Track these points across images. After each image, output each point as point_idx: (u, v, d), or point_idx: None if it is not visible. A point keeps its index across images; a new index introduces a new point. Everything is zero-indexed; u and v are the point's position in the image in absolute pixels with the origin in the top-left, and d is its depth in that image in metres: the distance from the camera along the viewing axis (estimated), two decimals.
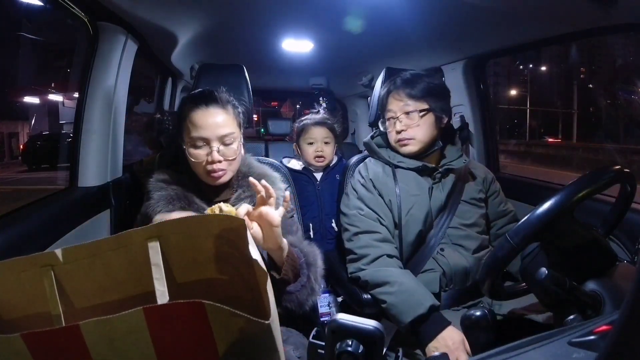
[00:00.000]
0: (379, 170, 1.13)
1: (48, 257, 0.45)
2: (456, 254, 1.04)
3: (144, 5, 1.12)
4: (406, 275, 0.99)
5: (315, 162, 1.56)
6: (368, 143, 1.20)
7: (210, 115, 0.87)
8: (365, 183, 1.12)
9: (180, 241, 0.47)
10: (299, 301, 0.82)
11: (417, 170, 1.10)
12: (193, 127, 0.87)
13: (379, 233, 1.05)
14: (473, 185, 1.13)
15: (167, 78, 2.17)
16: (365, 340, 0.40)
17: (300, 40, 1.67)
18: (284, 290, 0.80)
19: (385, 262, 1.02)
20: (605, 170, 0.72)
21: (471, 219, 1.08)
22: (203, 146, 0.87)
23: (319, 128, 1.55)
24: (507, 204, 1.18)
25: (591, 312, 0.61)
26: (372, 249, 1.03)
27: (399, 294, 0.95)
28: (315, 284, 0.85)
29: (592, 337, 0.38)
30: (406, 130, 1.08)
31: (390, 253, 1.03)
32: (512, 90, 23.10)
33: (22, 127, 13.80)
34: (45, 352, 0.41)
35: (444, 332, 0.89)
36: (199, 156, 0.87)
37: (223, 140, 0.87)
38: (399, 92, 1.09)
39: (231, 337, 0.43)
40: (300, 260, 0.83)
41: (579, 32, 1.17)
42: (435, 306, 0.93)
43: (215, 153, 0.86)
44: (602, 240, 0.72)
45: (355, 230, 1.08)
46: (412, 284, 0.97)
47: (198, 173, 0.90)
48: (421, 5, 1.17)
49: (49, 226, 0.91)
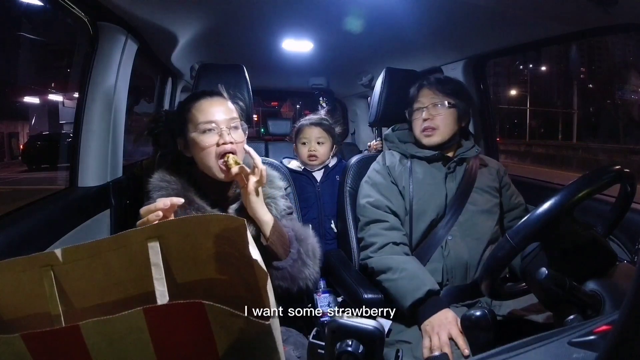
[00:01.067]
0: (396, 160, 1.19)
1: (48, 257, 0.45)
2: (461, 247, 1.06)
3: (144, 5, 1.12)
4: (409, 262, 1.03)
5: (308, 161, 1.56)
6: (389, 134, 1.28)
7: (215, 102, 0.91)
8: (380, 170, 1.18)
9: (180, 241, 0.47)
10: (292, 276, 0.83)
11: (434, 159, 1.15)
12: (200, 114, 0.88)
13: (386, 222, 1.10)
14: (487, 174, 1.18)
15: (167, 78, 2.17)
16: (365, 340, 0.40)
17: (300, 40, 1.67)
18: (275, 266, 0.83)
19: (391, 249, 1.06)
20: (605, 170, 0.72)
21: (484, 206, 1.11)
22: (212, 130, 0.87)
23: (312, 128, 1.55)
24: (518, 196, 1.20)
25: (591, 312, 0.61)
26: (379, 237, 1.08)
27: (400, 279, 1.00)
28: (307, 258, 0.86)
29: (592, 337, 0.38)
30: (432, 119, 1.14)
31: (397, 240, 1.07)
32: (512, 90, 23.09)
33: (22, 127, 13.80)
34: (45, 352, 0.41)
35: (439, 313, 0.92)
36: (209, 140, 0.86)
37: (229, 124, 0.88)
38: (431, 87, 1.17)
39: (231, 337, 0.43)
40: (289, 234, 0.86)
41: (579, 32, 1.18)
42: (434, 290, 0.96)
43: (226, 134, 0.86)
44: (602, 240, 0.72)
45: (365, 220, 1.14)
46: (414, 269, 1.01)
47: (208, 166, 0.88)
48: (421, 6, 1.18)
49: (49, 226, 0.91)
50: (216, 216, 0.48)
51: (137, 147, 1.61)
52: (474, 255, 1.05)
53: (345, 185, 1.30)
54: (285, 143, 2.59)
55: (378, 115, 1.35)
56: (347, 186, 1.29)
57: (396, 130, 1.29)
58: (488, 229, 1.09)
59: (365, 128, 2.85)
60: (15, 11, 8.76)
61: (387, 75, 1.34)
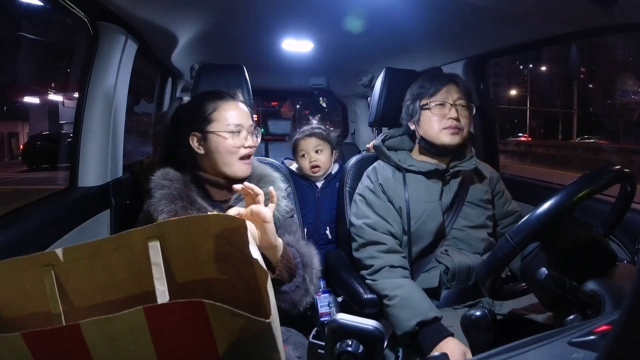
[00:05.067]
0: (389, 175, 1.12)
1: (48, 256, 0.45)
2: (461, 254, 1.05)
3: (144, 5, 1.12)
4: (402, 287, 0.99)
5: (312, 173, 1.56)
6: (379, 146, 1.19)
7: (240, 106, 0.95)
8: (374, 188, 1.11)
9: (181, 241, 0.47)
10: (293, 301, 0.82)
11: (428, 174, 1.10)
12: (230, 116, 0.91)
13: (384, 244, 1.05)
14: (479, 187, 1.13)
15: (167, 78, 2.17)
16: (365, 340, 0.40)
17: (300, 40, 1.67)
18: (279, 289, 0.81)
19: (387, 273, 1.03)
20: (605, 170, 0.72)
21: (476, 220, 1.08)
22: (239, 132, 0.91)
23: (307, 139, 1.55)
24: (512, 203, 1.18)
25: (591, 312, 0.61)
26: (376, 260, 1.04)
27: (392, 307, 0.98)
28: (310, 285, 0.85)
29: (592, 337, 0.38)
30: (460, 120, 1.08)
31: (394, 264, 1.03)
32: (512, 90, 23.10)
33: (22, 127, 13.79)
34: (46, 351, 0.41)
35: (441, 344, 0.88)
36: (237, 143, 0.91)
37: (251, 129, 0.94)
38: (459, 85, 1.11)
39: (231, 336, 0.43)
40: (296, 260, 0.84)
41: (579, 32, 1.18)
42: (427, 320, 0.92)
43: (251, 138, 0.93)
44: (602, 240, 0.72)
45: (361, 241, 1.09)
46: (406, 294, 0.97)
47: (229, 164, 0.91)
48: (421, 6, 1.17)
49: (49, 226, 0.91)
50: (216, 216, 0.48)
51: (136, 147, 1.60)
52: (475, 259, 1.04)
53: (345, 186, 1.30)
54: (285, 143, 2.58)
55: (378, 115, 1.35)
56: (347, 186, 1.29)
57: (388, 139, 1.20)
58: (481, 242, 1.07)
59: (365, 128, 2.85)
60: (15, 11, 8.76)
61: (387, 75, 1.34)
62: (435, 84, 1.11)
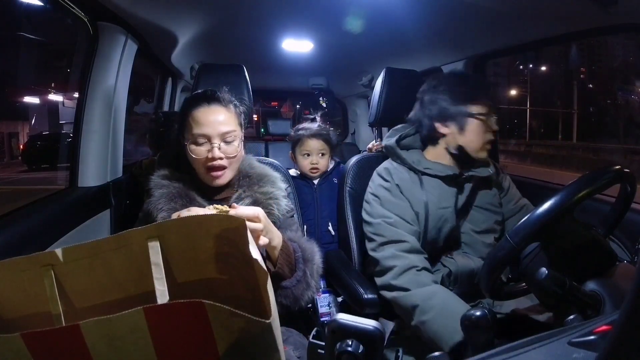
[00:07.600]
0: (405, 176, 1.06)
1: (48, 256, 0.45)
2: (465, 258, 1.03)
3: (144, 5, 1.12)
4: (435, 295, 0.89)
5: (310, 172, 1.58)
6: (392, 147, 1.11)
7: (212, 112, 0.88)
8: (391, 188, 1.05)
9: (180, 241, 0.47)
10: (295, 296, 0.82)
11: (449, 179, 1.05)
12: (195, 124, 0.87)
13: (406, 242, 0.97)
14: (489, 190, 1.10)
15: (167, 78, 2.17)
16: (365, 340, 0.40)
17: (300, 40, 1.67)
18: (280, 285, 0.81)
19: (415, 277, 0.93)
20: (605, 170, 0.72)
21: (483, 225, 1.05)
22: (204, 143, 0.87)
23: (314, 140, 1.55)
24: (520, 199, 1.14)
25: (591, 312, 0.61)
26: (398, 260, 0.96)
27: (430, 322, 0.86)
28: (311, 279, 0.85)
29: (592, 337, 0.38)
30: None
31: (419, 265, 0.95)
32: (512, 90, 23.09)
33: (22, 127, 13.79)
34: (45, 351, 0.41)
35: None
36: (200, 152, 0.87)
37: (224, 138, 0.88)
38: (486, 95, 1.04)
39: (231, 336, 0.43)
40: (296, 254, 0.84)
41: (579, 32, 1.17)
42: None
43: (216, 149, 0.86)
44: (602, 240, 0.72)
45: (381, 240, 1.01)
46: (442, 304, 0.87)
47: (198, 172, 0.90)
48: (421, 6, 1.18)
49: (49, 226, 0.91)
50: (216, 216, 0.48)
51: (136, 147, 1.61)
52: (479, 263, 1.02)
53: (345, 186, 1.29)
54: (285, 143, 2.58)
55: (378, 115, 1.35)
56: (347, 186, 1.29)
57: (403, 139, 1.12)
58: (487, 247, 1.04)
59: (365, 128, 2.86)
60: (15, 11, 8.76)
61: (387, 75, 1.34)
62: (471, 93, 1.02)
